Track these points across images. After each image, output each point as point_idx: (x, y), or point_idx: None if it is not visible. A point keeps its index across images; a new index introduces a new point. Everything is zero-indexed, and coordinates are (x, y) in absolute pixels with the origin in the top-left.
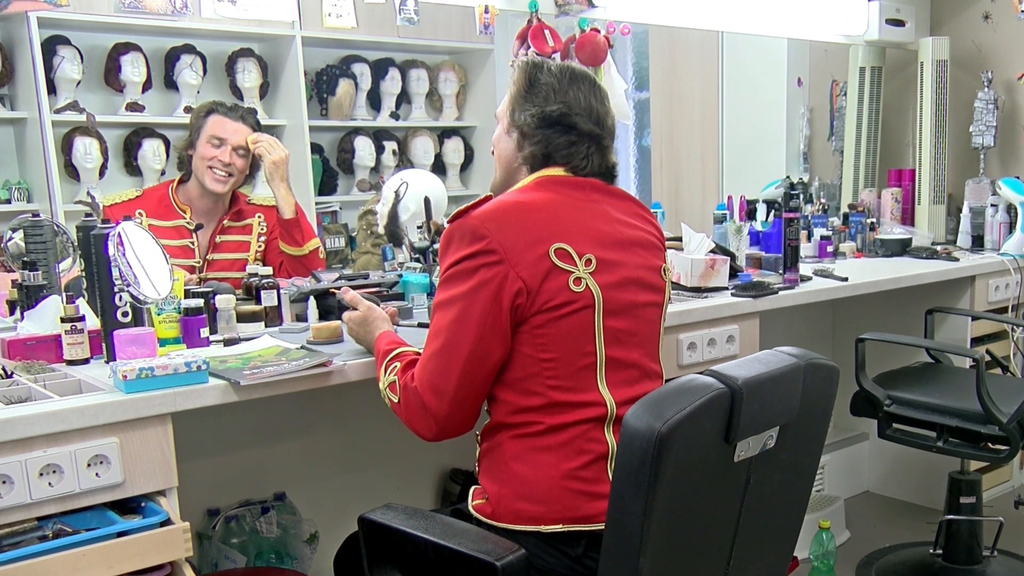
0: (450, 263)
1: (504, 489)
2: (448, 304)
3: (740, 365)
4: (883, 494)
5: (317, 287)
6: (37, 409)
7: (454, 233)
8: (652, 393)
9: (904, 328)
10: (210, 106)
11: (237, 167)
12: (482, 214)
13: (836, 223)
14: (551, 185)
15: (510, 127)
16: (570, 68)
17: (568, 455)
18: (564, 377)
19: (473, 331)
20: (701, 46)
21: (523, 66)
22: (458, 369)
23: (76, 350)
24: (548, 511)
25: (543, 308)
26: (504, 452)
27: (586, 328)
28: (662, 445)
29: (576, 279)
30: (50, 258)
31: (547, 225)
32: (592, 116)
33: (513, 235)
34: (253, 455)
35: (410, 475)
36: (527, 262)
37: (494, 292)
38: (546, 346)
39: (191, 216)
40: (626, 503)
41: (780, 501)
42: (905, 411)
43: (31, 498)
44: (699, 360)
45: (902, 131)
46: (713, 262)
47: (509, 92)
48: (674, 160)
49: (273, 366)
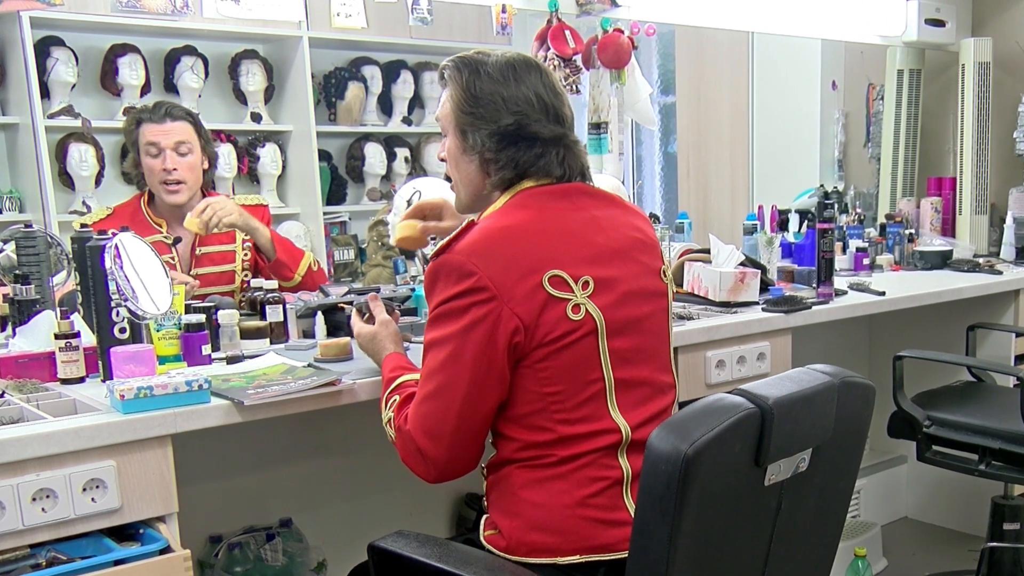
0: (438, 302)
1: (515, 521)
2: (439, 344)
3: (771, 384)
4: (922, 520)
5: (325, 302)
6: (30, 431)
7: (439, 271)
8: (678, 414)
9: (944, 345)
10: (136, 116)
11: (184, 168)
12: (467, 248)
13: (873, 234)
14: (533, 199)
15: (465, 149)
16: (510, 63)
17: (580, 483)
18: (571, 409)
19: (468, 373)
20: (730, 48)
21: (456, 78)
22: (455, 412)
23: (71, 368)
24: (564, 542)
25: (543, 342)
26: (513, 483)
27: (590, 355)
28: (688, 468)
29: (575, 306)
30: (43, 271)
31: (537, 251)
32: (550, 114)
33: (502, 268)
34: (257, 479)
35: (423, 500)
36: (520, 296)
37: (488, 331)
38: (550, 379)
39: (167, 230)
40: (651, 529)
41: (813, 527)
42: (945, 432)
43: (23, 524)
44: (728, 379)
45: (942, 137)
46: (743, 275)
47: (449, 106)
48: (702, 168)
49: (279, 385)
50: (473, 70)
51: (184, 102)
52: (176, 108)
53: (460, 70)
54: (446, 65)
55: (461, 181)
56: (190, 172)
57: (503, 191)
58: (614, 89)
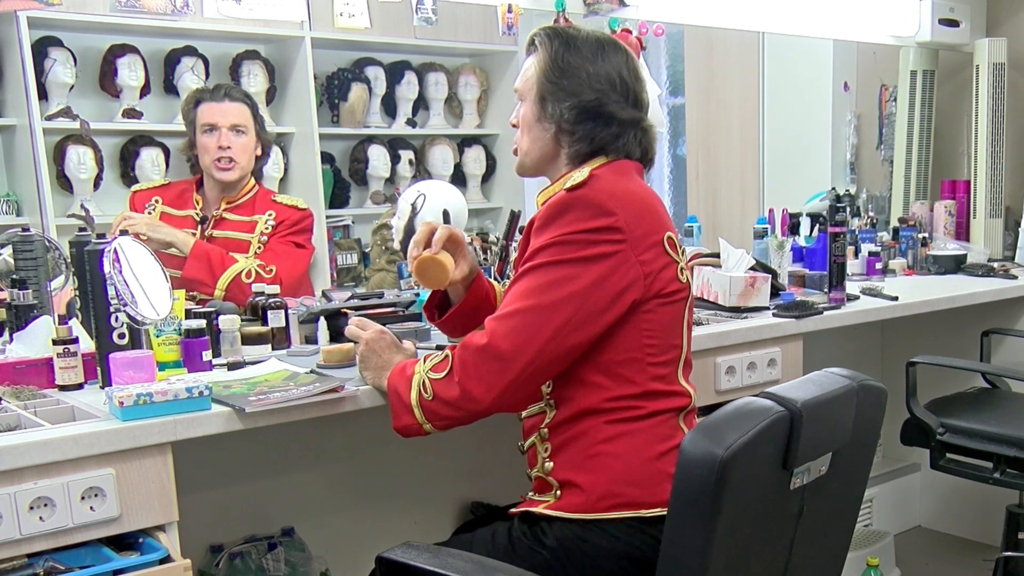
0: (564, 232)
1: (597, 476)
2: (552, 266)
3: (796, 387)
4: (936, 529)
5: (328, 307)
6: (27, 438)
7: (574, 203)
8: (708, 418)
9: (958, 351)
10: (196, 96)
11: (237, 148)
12: (605, 190)
13: (885, 238)
14: (629, 171)
15: (542, 117)
16: (600, 41)
17: (658, 438)
18: (659, 366)
19: (578, 299)
20: (740, 48)
21: (547, 45)
22: (549, 332)
23: (69, 374)
24: (647, 494)
25: (656, 295)
26: (594, 436)
27: (678, 320)
28: (723, 473)
29: (681, 269)
30: (41, 276)
31: (656, 212)
32: (629, 97)
33: (636, 218)
34: (259, 487)
35: (428, 508)
36: (646, 246)
37: (613, 270)
38: (651, 332)
39: (201, 208)
40: (684, 536)
41: (829, 532)
42: (960, 440)
43: (21, 533)
44: (738, 385)
45: (956, 139)
46: (753, 280)
47: (534, 72)
48: (711, 170)
49: (281, 392)
50: (564, 41)
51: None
52: (235, 90)
53: (552, 39)
54: (537, 33)
55: (532, 147)
56: (243, 153)
57: (577, 164)
58: None
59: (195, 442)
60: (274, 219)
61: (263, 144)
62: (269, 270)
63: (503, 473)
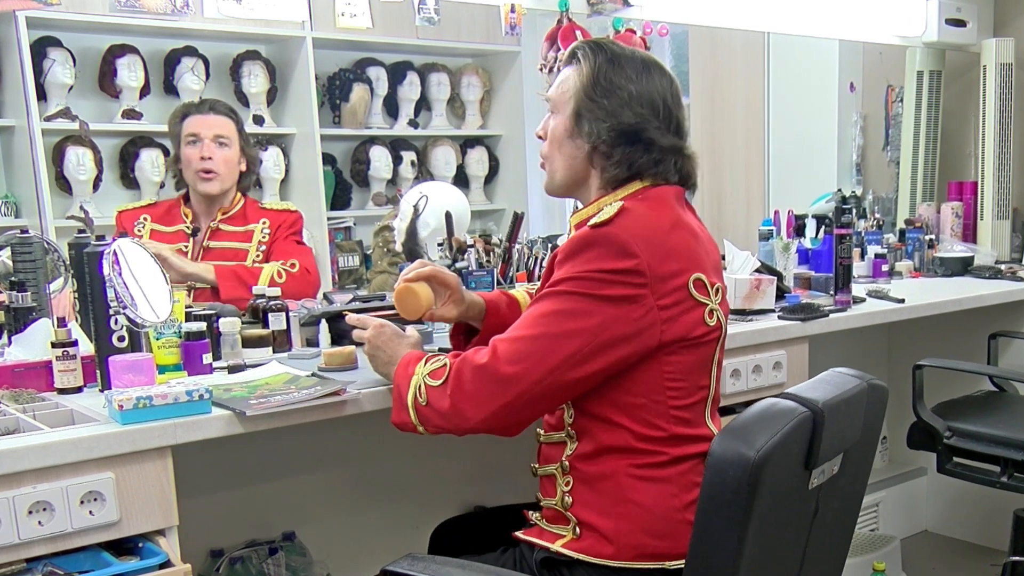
0: (586, 270)
1: (622, 525)
2: (567, 296)
3: (813, 388)
4: (943, 534)
5: (329, 309)
6: (26, 442)
7: (596, 240)
8: (735, 420)
9: (965, 354)
10: (182, 110)
11: (219, 159)
12: (631, 228)
13: (892, 240)
14: (668, 199)
15: (575, 134)
16: (645, 62)
17: (685, 487)
18: (683, 409)
19: (587, 334)
20: (745, 49)
21: (591, 59)
22: (552, 362)
23: (68, 377)
24: (673, 546)
25: (678, 340)
26: (620, 482)
27: (706, 361)
28: (756, 474)
29: (710, 312)
30: (40, 278)
31: (688, 251)
32: (671, 124)
33: (660, 260)
34: (260, 491)
35: (431, 513)
36: (667, 291)
37: (627, 313)
38: (674, 375)
39: (192, 221)
40: (715, 538)
41: (836, 530)
42: (967, 444)
43: (19, 538)
44: (743, 388)
45: (963, 140)
46: (758, 282)
47: (573, 85)
48: (716, 172)
49: (282, 395)
50: (610, 58)
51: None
52: (220, 104)
53: (596, 53)
54: (579, 45)
55: (562, 164)
56: (225, 165)
57: (611, 188)
58: None
59: (195, 446)
60: (269, 226)
61: (248, 159)
62: (292, 264)
63: (507, 478)
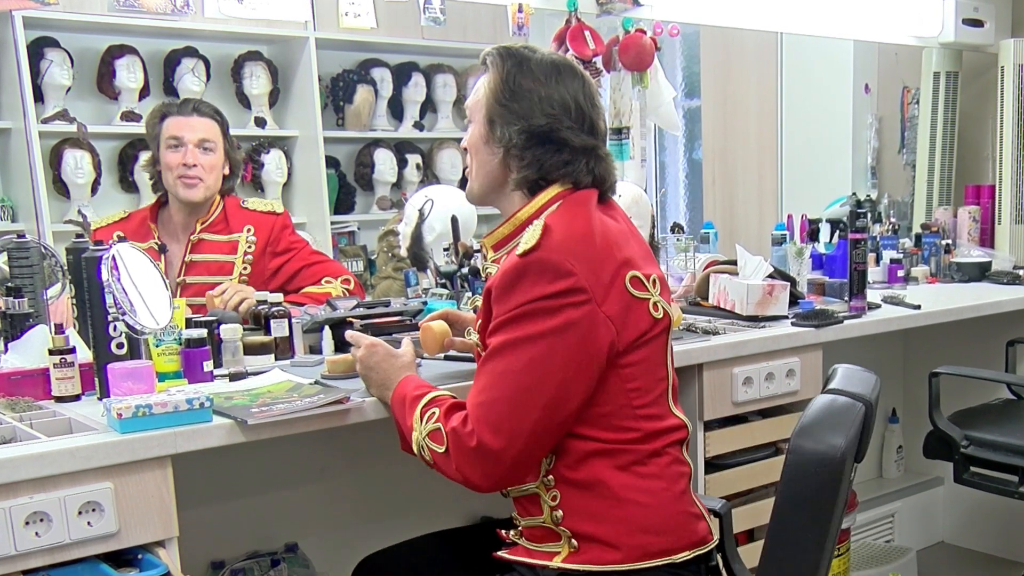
0: (525, 300)
1: (620, 527)
2: (524, 343)
3: (850, 383)
4: (960, 545)
5: (332, 315)
6: (22, 451)
7: (529, 268)
8: (803, 420)
9: (983, 361)
10: (162, 110)
11: (204, 165)
12: (560, 246)
13: (907, 245)
14: (586, 202)
15: (490, 139)
16: (555, 64)
17: (673, 478)
18: (649, 405)
19: (558, 375)
20: (758, 49)
21: (498, 65)
22: (535, 415)
23: (66, 385)
24: (675, 540)
25: (630, 342)
26: (610, 486)
27: (660, 352)
28: (838, 472)
29: (654, 304)
30: (37, 283)
31: (618, 251)
32: (584, 123)
33: (595, 269)
34: (262, 502)
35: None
36: (611, 298)
37: (583, 335)
38: (633, 376)
39: (159, 236)
40: (796, 538)
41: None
42: (984, 453)
43: (16, 549)
44: (755, 396)
45: (981, 143)
46: (771, 288)
47: (484, 92)
48: (728, 175)
49: (284, 403)
50: (517, 62)
51: None
52: (204, 105)
53: (504, 59)
54: (489, 52)
55: (479, 171)
56: (210, 171)
57: (526, 191)
58: (636, 92)
59: (196, 455)
60: (254, 233)
61: (232, 164)
62: (346, 280)
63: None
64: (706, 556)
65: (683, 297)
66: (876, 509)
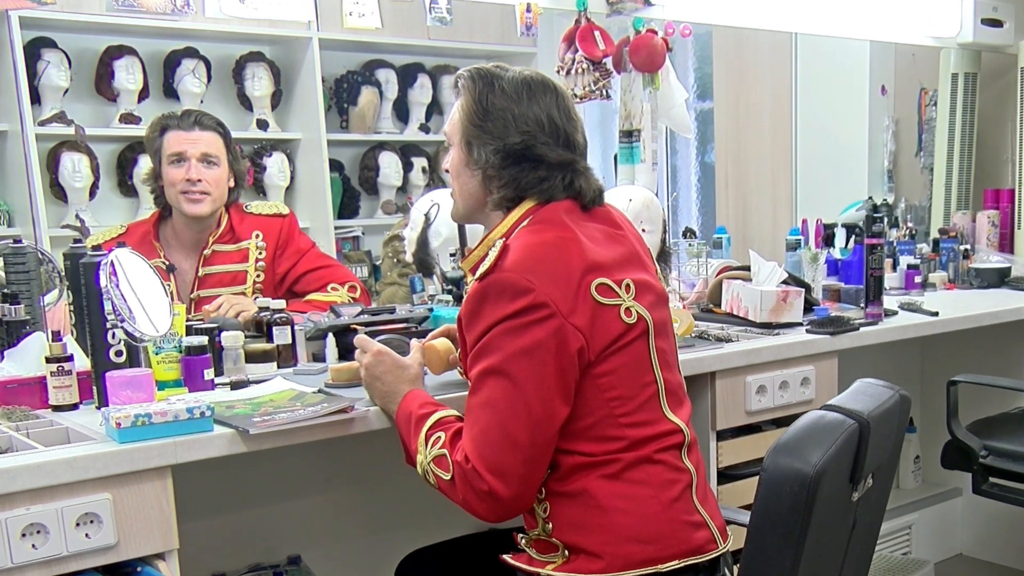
0: (490, 324)
1: (605, 536)
2: (497, 372)
3: (854, 399)
4: (979, 557)
5: (336, 323)
6: (19, 461)
7: (488, 290)
8: (785, 436)
9: (1002, 369)
10: (161, 122)
11: (209, 180)
12: (517, 265)
13: (925, 250)
14: (556, 214)
15: (468, 162)
16: (526, 81)
17: (662, 486)
18: (634, 412)
19: (535, 397)
20: (772, 50)
21: (469, 88)
22: (524, 443)
23: (63, 394)
24: (662, 549)
25: (601, 350)
26: (595, 495)
27: (642, 357)
28: (813, 490)
29: (626, 310)
30: (34, 290)
31: (580, 261)
32: (560, 138)
33: (555, 282)
34: (264, 513)
35: (442, 537)
36: (577, 309)
37: (555, 350)
38: (611, 384)
39: (165, 255)
40: (770, 555)
41: (866, 544)
42: (1004, 463)
43: (12, 562)
44: (769, 405)
45: (1000, 146)
46: (785, 294)
47: (459, 116)
48: (741, 179)
49: (287, 412)
50: (488, 83)
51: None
52: (206, 117)
53: (475, 81)
54: (461, 75)
55: (461, 194)
56: (216, 186)
57: (504, 210)
58: (647, 94)
59: (196, 465)
60: (263, 239)
61: (236, 175)
62: (352, 287)
63: None
64: (710, 565)
65: (695, 304)
66: (893, 521)
